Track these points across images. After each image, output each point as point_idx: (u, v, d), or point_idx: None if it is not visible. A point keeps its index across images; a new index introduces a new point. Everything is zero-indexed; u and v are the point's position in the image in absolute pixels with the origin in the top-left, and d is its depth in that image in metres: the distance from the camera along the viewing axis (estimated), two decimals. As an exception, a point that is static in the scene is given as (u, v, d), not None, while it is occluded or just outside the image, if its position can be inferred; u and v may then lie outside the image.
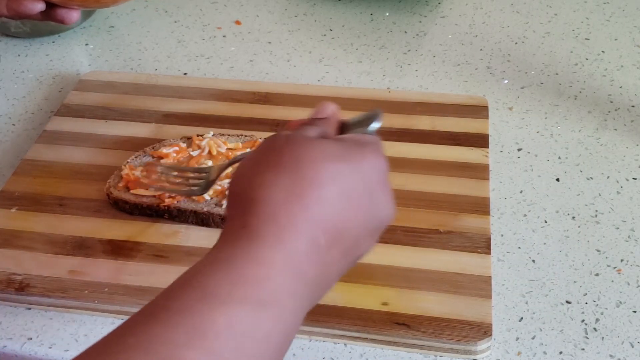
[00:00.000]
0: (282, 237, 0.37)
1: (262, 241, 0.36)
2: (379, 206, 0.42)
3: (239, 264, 0.35)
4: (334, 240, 0.39)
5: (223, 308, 0.33)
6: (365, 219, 0.41)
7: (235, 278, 0.35)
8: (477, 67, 0.87)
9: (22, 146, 0.77)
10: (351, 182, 0.40)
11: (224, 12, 1.00)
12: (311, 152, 0.40)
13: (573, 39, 0.91)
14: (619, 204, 0.68)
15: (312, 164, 0.39)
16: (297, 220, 0.37)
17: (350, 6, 1.00)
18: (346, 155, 0.41)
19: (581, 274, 0.62)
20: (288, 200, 0.38)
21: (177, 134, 0.74)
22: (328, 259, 0.39)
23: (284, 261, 0.36)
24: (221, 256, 0.36)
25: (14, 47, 0.94)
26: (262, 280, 0.35)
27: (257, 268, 0.35)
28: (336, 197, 0.39)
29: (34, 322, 0.60)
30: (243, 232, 0.37)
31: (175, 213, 0.65)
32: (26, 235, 0.65)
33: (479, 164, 0.70)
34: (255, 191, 0.39)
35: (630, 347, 0.57)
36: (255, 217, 0.38)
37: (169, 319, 0.33)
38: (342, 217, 0.39)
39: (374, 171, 0.42)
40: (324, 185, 0.39)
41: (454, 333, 0.56)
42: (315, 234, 0.38)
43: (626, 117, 0.79)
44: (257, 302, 0.34)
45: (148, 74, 0.85)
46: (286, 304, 0.36)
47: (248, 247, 0.36)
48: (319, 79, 0.86)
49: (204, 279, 0.35)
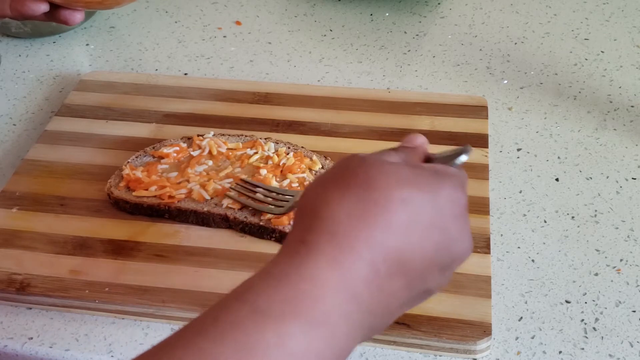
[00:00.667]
0: (340, 258, 0.36)
1: (319, 259, 0.35)
2: (451, 241, 0.40)
3: (292, 280, 0.34)
4: (396, 270, 0.37)
5: (274, 325, 0.33)
6: (435, 253, 0.39)
7: (288, 295, 0.34)
8: (476, 67, 0.87)
9: (22, 146, 0.77)
10: (423, 212, 0.38)
11: (224, 12, 1.00)
12: (384, 176, 0.38)
13: (572, 39, 0.92)
14: (618, 203, 0.69)
15: (383, 187, 0.38)
16: (357, 243, 0.36)
17: (350, 6, 1.00)
18: (422, 183, 0.39)
19: (580, 273, 0.62)
20: (351, 221, 0.37)
21: (178, 134, 0.74)
22: (388, 288, 0.37)
23: (339, 282, 0.35)
24: (275, 271, 0.35)
25: (15, 47, 0.94)
26: (315, 299, 0.34)
27: (310, 286, 0.34)
28: (404, 225, 0.37)
29: (35, 321, 0.60)
30: (301, 247, 0.36)
31: (176, 213, 0.65)
32: (27, 235, 0.65)
33: (479, 164, 0.70)
34: (319, 208, 0.38)
35: (629, 347, 0.57)
36: (315, 234, 0.36)
37: (218, 334, 0.32)
38: (408, 247, 0.37)
39: (450, 204, 0.40)
40: (392, 210, 0.37)
41: (454, 332, 0.56)
42: (375, 260, 0.36)
43: (625, 117, 0.79)
44: (309, 320, 0.33)
45: (148, 74, 0.85)
46: (339, 326, 0.34)
47: (303, 264, 0.35)
48: (319, 79, 0.86)
49: (255, 293, 0.34)
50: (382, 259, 0.36)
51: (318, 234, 0.36)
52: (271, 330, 0.32)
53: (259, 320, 0.33)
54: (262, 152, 0.70)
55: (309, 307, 0.34)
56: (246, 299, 0.34)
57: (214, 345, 0.32)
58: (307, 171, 0.68)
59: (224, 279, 0.60)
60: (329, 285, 0.35)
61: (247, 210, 0.64)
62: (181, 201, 0.65)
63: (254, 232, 0.64)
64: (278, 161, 0.68)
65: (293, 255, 0.36)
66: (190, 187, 0.66)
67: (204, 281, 0.60)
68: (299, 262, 0.35)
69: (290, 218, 0.63)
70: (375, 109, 0.78)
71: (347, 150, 0.71)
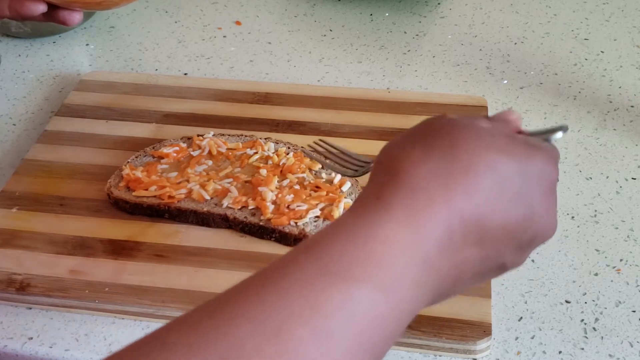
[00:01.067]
0: (415, 217, 0.34)
1: (392, 217, 0.33)
2: (536, 216, 0.37)
3: (363, 239, 0.33)
4: (473, 238, 0.35)
5: (341, 286, 0.31)
6: (517, 226, 0.37)
7: (358, 256, 0.32)
8: (476, 67, 0.87)
9: (22, 146, 0.77)
10: (510, 180, 0.36)
11: (224, 12, 1.00)
12: (473, 138, 0.36)
13: (572, 39, 0.92)
14: (618, 203, 0.69)
15: (470, 149, 0.36)
16: (435, 202, 0.34)
17: (350, 6, 1.00)
18: (513, 151, 0.37)
19: (580, 273, 0.62)
20: (431, 180, 0.35)
21: (178, 134, 0.74)
22: (462, 255, 0.35)
23: (412, 244, 0.33)
24: (347, 226, 0.34)
25: (15, 47, 0.94)
26: (385, 263, 0.32)
27: (382, 247, 0.33)
28: (487, 191, 0.35)
29: (35, 321, 0.60)
30: (374, 203, 0.34)
31: (176, 213, 0.65)
32: (27, 235, 0.65)
33: (479, 164, 0.70)
34: (399, 163, 0.36)
35: (629, 347, 0.57)
36: (391, 190, 0.35)
37: (283, 289, 0.31)
38: (489, 215, 0.35)
39: (540, 177, 0.38)
40: (477, 173, 0.35)
41: (454, 332, 0.56)
42: (452, 223, 0.34)
43: (625, 117, 0.79)
44: (378, 285, 0.32)
45: (148, 74, 0.85)
46: (407, 292, 0.33)
47: (376, 221, 0.33)
48: (319, 79, 0.86)
49: (325, 250, 0.33)
50: (460, 223, 0.34)
51: (394, 190, 0.35)
52: (338, 292, 0.31)
53: (326, 280, 0.31)
54: (262, 152, 0.70)
55: (379, 272, 0.32)
56: (316, 256, 0.32)
57: (279, 299, 0.31)
58: (307, 171, 0.68)
59: (223, 279, 0.60)
60: (401, 247, 0.33)
61: (247, 210, 0.64)
62: (181, 201, 0.65)
63: (254, 232, 0.64)
64: (278, 161, 0.68)
65: (365, 210, 0.34)
66: (190, 187, 0.66)
67: (204, 281, 0.60)
68: (372, 218, 0.34)
69: (290, 218, 0.63)
70: (375, 109, 0.78)
71: (347, 150, 0.71)
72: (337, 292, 0.31)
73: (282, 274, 0.32)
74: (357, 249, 0.32)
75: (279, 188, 0.66)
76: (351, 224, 0.34)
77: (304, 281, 0.31)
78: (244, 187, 0.66)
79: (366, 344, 0.31)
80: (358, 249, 0.32)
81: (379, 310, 0.32)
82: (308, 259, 0.32)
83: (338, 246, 0.33)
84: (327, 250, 0.33)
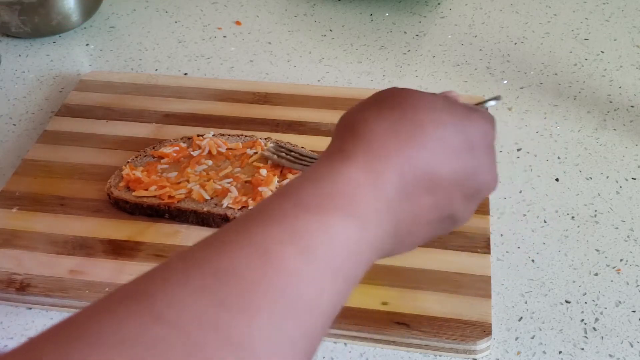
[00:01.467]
0: (374, 165, 0.38)
1: (354, 164, 0.38)
2: (479, 168, 0.42)
3: (330, 180, 0.37)
4: (425, 185, 0.40)
5: (316, 215, 0.35)
6: (463, 176, 0.41)
7: (327, 191, 0.36)
8: (476, 68, 0.87)
9: (22, 146, 0.77)
10: (454, 136, 0.41)
11: (224, 12, 1.00)
12: (421, 101, 0.42)
13: (572, 40, 0.92)
14: (618, 203, 0.69)
15: (419, 110, 0.41)
16: (390, 153, 0.39)
17: (350, 6, 1.00)
18: (454, 110, 0.42)
19: (580, 273, 0.62)
20: (386, 136, 0.39)
21: (178, 134, 0.74)
22: (416, 200, 0.39)
23: (372, 185, 0.37)
24: (315, 174, 0.38)
25: (15, 47, 0.94)
26: (351, 196, 0.36)
27: (347, 186, 0.37)
28: (435, 144, 0.40)
29: (35, 321, 0.60)
30: (338, 154, 0.39)
31: (176, 213, 0.65)
32: (27, 235, 0.65)
33: (479, 164, 0.70)
34: (358, 124, 0.41)
35: (629, 347, 0.57)
36: (352, 144, 0.39)
37: (265, 220, 0.34)
38: (437, 165, 0.40)
39: (480, 134, 0.43)
40: (424, 129, 0.40)
41: (454, 332, 0.56)
42: (405, 171, 0.39)
43: (625, 117, 0.79)
44: (347, 213, 0.35)
45: (148, 74, 0.85)
46: (372, 221, 0.37)
47: (340, 167, 0.38)
48: (319, 79, 0.86)
49: (297, 190, 0.36)
50: (411, 171, 0.39)
51: (355, 144, 0.39)
52: (315, 221, 0.34)
53: (300, 211, 0.35)
54: (262, 152, 0.70)
55: (347, 203, 0.36)
56: (289, 195, 0.36)
57: (263, 229, 0.34)
58: (307, 171, 0.68)
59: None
60: (365, 187, 0.37)
61: (247, 210, 0.64)
62: (181, 201, 0.65)
63: (254, 232, 0.64)
64: (278, 161, 0.69)
65: (331, 160, 0.39)
66: (190, 187, 0.66)
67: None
68: (336, 166, 0.38)
69: None
70: (375, 109, 0.77)
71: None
72: (314, 221, 0.34)
73: (261, 211, 0.35)
74: (327, 188, 0.36)
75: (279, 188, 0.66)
76: (319, 172, 0.38)
77: (282, 213, 0.35)
78: (244, 187, 0.66)
79: (345, 269, 0.35)
80: (328, 188, 0.37)
81: (351, 236, 0.35)
82: (282, 199, 0.36)
83: (310, 187, 0.37)
84: (299, 191, 0.36)
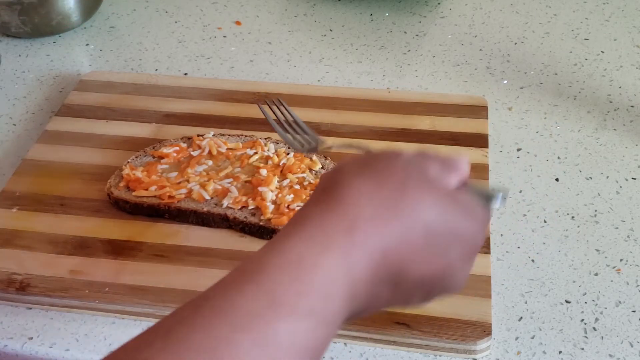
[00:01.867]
0: (352, 254, 0.36)
1: (334, 252, 0.36)
2: (451, 275, 0.41)
3: (308, 269, 0.35)
4: (392, 279, 0.38)
5: (289, 320, 0.34)
6: (430, 280, 0.40)
7: (303, 288, 0.35)
8: (476, 67, 0.87)
9: (23, 146, 0.77)
10: (440, 237, 0.39)
11: (224, 12, 1.00)
12: (420, 193, 0.39)
13: (572, 39, 0.92)
14: (618, 203, 0.69)
15: (415, 204, 0.39)
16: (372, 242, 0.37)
17: (350, 6, 1.00)
18: (451, 217, 0.40)
19: (580, 273, 0.62)
20: (373, 220, 0.37)
21: (178, 134, 0.74)
22: (378, 290, 0.38)
23: (347, 276, 0.36)
24: (292, 256, 0.36)
25: (15, 47, 0.94)
26: (327, 297, 0.35)
27: (324, 282, 0.35)
28: (417, 242, 0.38)
29: (35, 321, 0.60)
30: (318, 231, 0.37)
31: (176, 213, 0.65)
32: (27, 235, 0.65)
33: (479, 164, 0.70)
34: (346, 191, 0.38)
35: (629, 347, 0.57)
36: (334, 221, 0.37)
37: (237, 323, 0.33)
38: (409, 264, 0.38)
39: (468, 241, 0.41)
40: (413, 231, 0.38)
41: (454, 332, 0.56)
42: (379, 264, 0.37)
43: (625, 117, 0.79)
44: (322, 319, 0.35)
45: (148, 74, 0.85)
46: (338, 318, 0.36)
47: (319, 252, 0.36)
48: (319, 79, 0.86)
49: (272, 282, 0.35)
50: (385, 264, 0.37)
51: (337, 220, 0.37)
52: (285, 327, 0.33)
53: (274, 313, 0.34)
54: (262, 152, 0.70)
55: (323, 305, 0.35)
56: (264, 288, 0.34)
57: (234, 332, 0.33)
58: (307, 171, 0.68)
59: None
60: (339, 278, 0.36)
61: (247, 210, 0.64)
62: (181, 201, 0.65)
63: (254, 232, 0.64)
64: (278, 161, 0.69)
65: (309, 237, 0.37)
66: (190, 187, 0.66)
67: (204, 281, 0.59)
68: (314, 247, 0.36)
69: (290, 218, 0.63)
70: (375, 109, 0.78)
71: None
72: (285, 327, 0.33)
73: (233, 306, 0.34)
74: (302, 282, 0.35)
75: (279, 188, 0.66)
76: (295, 254, 0.36)
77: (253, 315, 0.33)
78: (244, 187, 0.66)
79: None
80: (304, 281, 0.35)
81: (320, 342, 0.35)
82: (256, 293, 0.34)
83: (285, 278, 0.35)
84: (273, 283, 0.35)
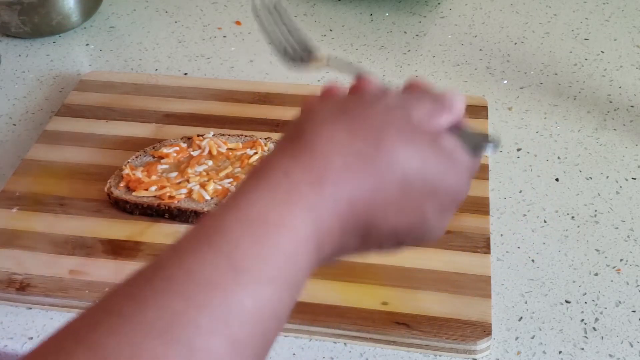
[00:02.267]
0: (319, 210, 0.34)
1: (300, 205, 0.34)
2: (425, 227, 0.39)
3: (271, 230, 0.33)
4: (360, 232, 0.36)
5: (251, 288, 0.31)
6: (404, 231, 0.38)
7: (266, 252, 0.32)
8: (476, 67, 0.87)
9: (22, 146, 0.77)
10: (419, 189, 0.37)
11: (224, 12, 1.00)
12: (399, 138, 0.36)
13: (572, 40, 0.92)
14: (618, 203, 0.69)
15: (393, 148, 0.36)
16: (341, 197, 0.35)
17: (350, 6, 1.00)
18: (433, 166, 0.37)
19: (580, 273, 0.62)
20: (344, 172, 0.35)
21: (178, 134, 0.74)
22: (345, 239, 0.36)
23: (314, 234, 0.34)
24: (253, 214, 0.33)
25: (15, 47, 0.94)
26: (293, 258, 0.33)
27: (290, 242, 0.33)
28: (390, 193, 0.36)
29: (35, 321, 0.60)
30: (284, 182, 0.34)
31: (176, 213, 0.65)
32: (27, 235, 0.65)
33: (479, 164, 0.70)
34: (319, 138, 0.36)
35: (629, 347, 0.57)
36: (300, 170, 0.35)
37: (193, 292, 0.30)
38: (380, 218, 0.36)
39: (447, 193, 0.38)
40: (391, 177, 0.36)
41: (454, 332, 0.56)
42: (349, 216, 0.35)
43: (625, 117, 0.79)
44: (287, 282, 0.33)
45: (148, 74, 0.85)
46: (302, 277, 0.34)
47: (284, 208, 0.33)
48: (319, 79, 0.86)
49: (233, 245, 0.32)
50: (354, 215, 0.35)
51: (304, 172, 0.35)
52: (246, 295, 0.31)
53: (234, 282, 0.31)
54: (262, 152, 0.70)
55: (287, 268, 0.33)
56: (223, 252, 0.32)
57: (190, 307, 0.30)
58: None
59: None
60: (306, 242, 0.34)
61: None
62: (181, 201, 0.65)
63: (254, 232, 0.64)
64: (278, 161, 0.68)
65: (273, 188, 0.34)
66: (190, 187, 0.66)
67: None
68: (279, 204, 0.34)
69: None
70: (375, 109, 0.77)
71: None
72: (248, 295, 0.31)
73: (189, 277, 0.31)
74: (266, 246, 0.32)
75: (279, 188, 0.66)
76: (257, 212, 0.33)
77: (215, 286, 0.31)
78: (244, 187, 0.66)
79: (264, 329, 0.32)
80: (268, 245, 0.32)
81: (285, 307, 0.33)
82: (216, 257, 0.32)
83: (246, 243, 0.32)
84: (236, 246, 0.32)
